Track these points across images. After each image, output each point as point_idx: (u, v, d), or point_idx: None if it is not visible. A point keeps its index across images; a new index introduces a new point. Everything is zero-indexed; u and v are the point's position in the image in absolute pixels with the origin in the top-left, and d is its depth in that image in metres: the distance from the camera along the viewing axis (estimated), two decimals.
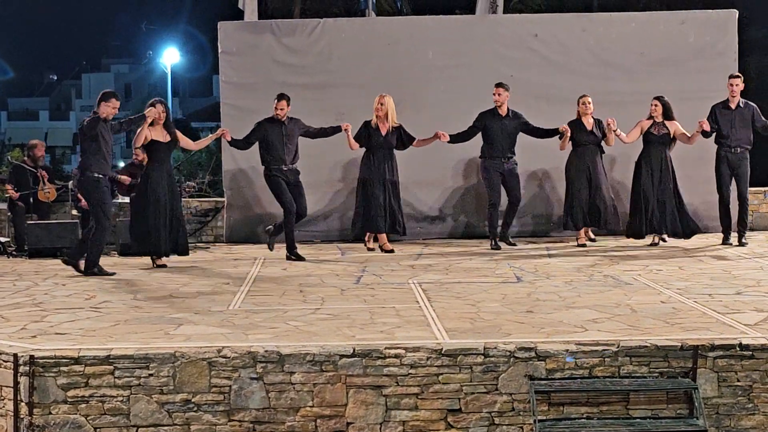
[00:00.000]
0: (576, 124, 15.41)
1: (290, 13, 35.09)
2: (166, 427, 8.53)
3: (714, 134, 15.28)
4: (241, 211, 16.94)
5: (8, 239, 16.51)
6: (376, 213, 15.11)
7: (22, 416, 8.50)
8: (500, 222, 15.57)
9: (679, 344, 8.67)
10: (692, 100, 15.79)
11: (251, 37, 17.11)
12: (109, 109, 13.28)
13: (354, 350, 8.58)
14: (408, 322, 9.75)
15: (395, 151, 15.43)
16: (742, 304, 10.47)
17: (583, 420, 8.54)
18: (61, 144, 68.40)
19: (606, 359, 8.61)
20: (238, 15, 18.83)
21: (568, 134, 15.23)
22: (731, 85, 15.28)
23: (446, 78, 16.67)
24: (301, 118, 15.02)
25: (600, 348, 8.63)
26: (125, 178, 15.70)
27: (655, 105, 15.25)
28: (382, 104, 15.12)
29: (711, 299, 10.75)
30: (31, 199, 16.37)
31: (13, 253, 15.81)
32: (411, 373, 8.56)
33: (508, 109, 15.37)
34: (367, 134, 15.17)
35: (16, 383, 8.49)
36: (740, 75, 15.41)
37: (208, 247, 16.54)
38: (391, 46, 17.03)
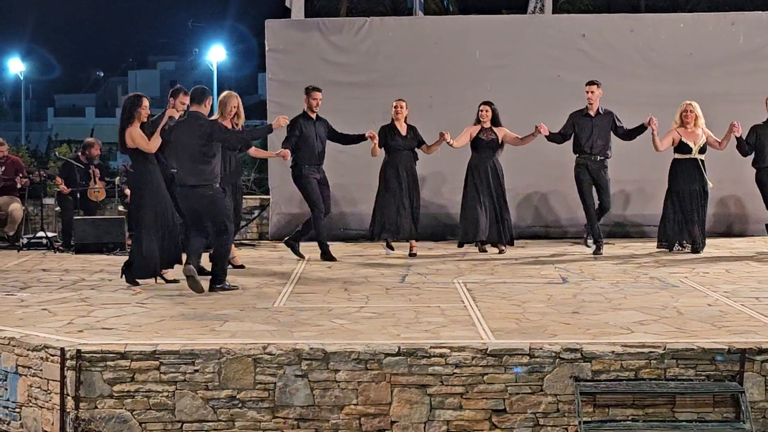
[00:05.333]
0: (389, 129, 14.93)
1: (337, 12, 35.19)
2: (210, 423, 8.57)
3: (572, 142, 15.04)
4: (286, 208, 16.96)
5: (55, 234, 16.64)
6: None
7: (68, 410, 8.56)
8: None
9: (726, 347, 8.61)
10: (741, 102, 15.63)
11: (298, 35, 17.13)
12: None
13: (399, 349, 8.58)
14: (453, 321, 9.74)
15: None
16: None
17: (628, 422, 8.50)
18: (107, 140, 68.80)
19: (652, 361, 8.56)
20: (285, 13, 18.88)
21: (375, 140, 14.64)
22: (587, 92, 14.96)
23: (493, 78, 16.60)
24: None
25: (646, 350, 8.59)
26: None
27: (485, 110, 14.96)
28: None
29: (758, 302, 10.67)
30: (78, 195, 16.50)
31: (60, 248, 15.91)
32: (456, 373, 8.55)
33: (317, 114, 14.74)
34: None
35: (63, 377, 8.55)
36: (597, 82, 15.01)
37: (254, 245, 16.61)
38: (438, 46, 16.98)
